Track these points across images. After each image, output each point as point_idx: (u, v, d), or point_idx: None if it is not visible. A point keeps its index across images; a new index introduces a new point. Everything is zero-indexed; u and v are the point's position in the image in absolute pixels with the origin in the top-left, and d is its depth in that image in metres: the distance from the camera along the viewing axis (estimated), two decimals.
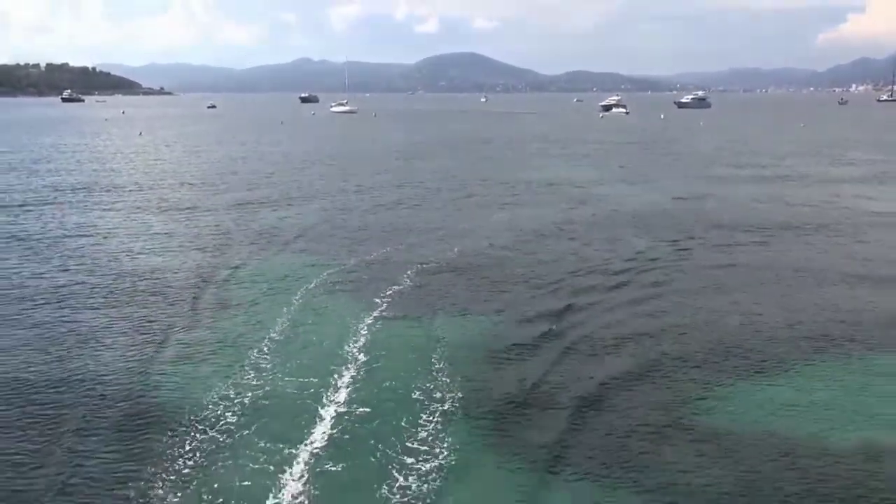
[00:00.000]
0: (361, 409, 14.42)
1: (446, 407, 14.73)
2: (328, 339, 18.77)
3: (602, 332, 19.26)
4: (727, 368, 16.89)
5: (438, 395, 15.31)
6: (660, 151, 79.60)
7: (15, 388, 15.64)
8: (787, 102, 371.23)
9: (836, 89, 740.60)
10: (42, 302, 22.23)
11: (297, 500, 11.45)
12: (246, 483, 11.93)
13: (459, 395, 15.30)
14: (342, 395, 15.01)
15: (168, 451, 12.99)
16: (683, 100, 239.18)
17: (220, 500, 11.50)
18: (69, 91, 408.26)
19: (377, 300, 22.28)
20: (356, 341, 18.51)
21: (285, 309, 21.46)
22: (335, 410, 14.39)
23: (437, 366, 16.92)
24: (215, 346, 18.47)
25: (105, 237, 32.77)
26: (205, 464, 12.58)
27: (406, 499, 11.53)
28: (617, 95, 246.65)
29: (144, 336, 19.20)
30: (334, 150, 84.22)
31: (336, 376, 16.01)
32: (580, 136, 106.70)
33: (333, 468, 12.42)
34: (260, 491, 11.68)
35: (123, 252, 29.63)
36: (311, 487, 11.82)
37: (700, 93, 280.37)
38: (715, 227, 34.43)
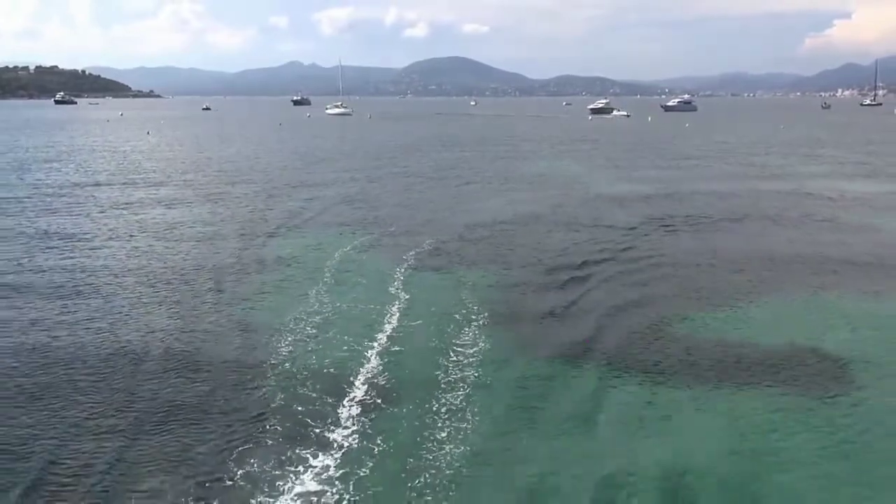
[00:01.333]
0: (400, 347, 17.80)
1: (473, 332, 19.71)
2: (368, 285, 23.63)
3: (590, 281, 24.36)
4: (694, 300, 21.98)
5: (463, 325, 20.31)
6: (644, 149, 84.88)
7: (61, 368, 16.25)
8: (773, 106, 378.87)
9: (823, 94, 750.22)
10: (101, 279, 26.98)
11: (349, 442, 12.89)
12: (300, 430, 13.39)
13: (481, 323, 20.30)
14: (386, 332, 18.87)
15: (223, 400, 14.59)
16: (670, 103, 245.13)
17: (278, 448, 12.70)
18: (62, 93, 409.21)
19: (404, 258, 27.25)
20: (392, 286, 23.36)
21: (329, 263, 26.39)
22: (381, 342, 18.00)
23: (458, 305, 21.89)
24: (275, 290, 23.39)
25: (151, 218, 37.57)
26: (263, 413, 14.09)
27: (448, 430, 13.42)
28: (605, 99, 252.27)
29: (198, 300, 24.03)
30: (338, 146, 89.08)
31: (379, 316, 20.35)
32: (570, 137, 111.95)
33: (385, 407, 14.30)
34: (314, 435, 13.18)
35: (170, 229, 34.47)
36: (365, 426, 13.49)
37: (686, 96, 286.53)
38: (687, 208, 39.57)
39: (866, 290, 23.00)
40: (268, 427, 13.40)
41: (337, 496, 11.22)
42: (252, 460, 12.26)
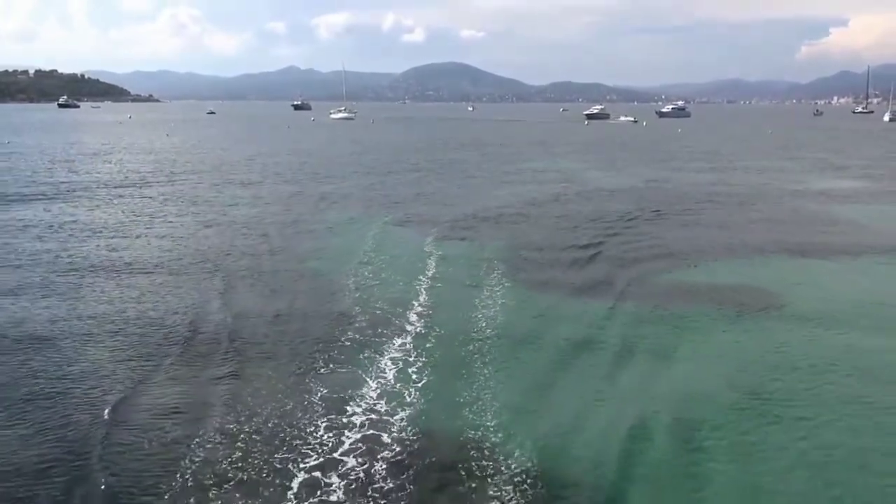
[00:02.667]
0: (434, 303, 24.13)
1: (491, 284, 25.54)
2: (404, 247, 29.50)
3: (587, 246, 30.26)
4: (671, 259, 27.90)
5: (482, 285, 26.18)
6: (636, 150, 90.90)
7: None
8: (766, 113, 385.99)
9: (819, 101, 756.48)
10: (155, 258, 32.76)
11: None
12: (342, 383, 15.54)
13: (500, 272, 26.16)
14: (424, 282, 24.20)
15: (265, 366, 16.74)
16: (664, 109, 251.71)
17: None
18: (65, 97, 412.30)
19: (428, 231, 33.17)
20: (424, 248, 29.21)
21: (367, 233, 32.25)
22: (421, 288, 23.65)
23: (480, 260, 27.78)
24: (328, 252, 29.22)
25: (207, 202, 43.39)
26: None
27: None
28: (601, 105, 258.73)
29: (273, 258, 29.83)
30: (349, 147, 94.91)
31: (416, 270, 26.19)
32: (566, 140, 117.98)
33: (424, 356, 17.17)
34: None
35: (230, 209, 40.32)
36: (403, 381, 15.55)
37: (680, 103, 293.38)
38: (670, 197, 45.52)
39: (798, 250, 29.02)
40: (333, 356, 18.41)
41: (391, 409, 14.38)
42: (320, 384, 15.53)
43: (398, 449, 12.75)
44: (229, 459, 12.35)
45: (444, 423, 13.76)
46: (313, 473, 11.94)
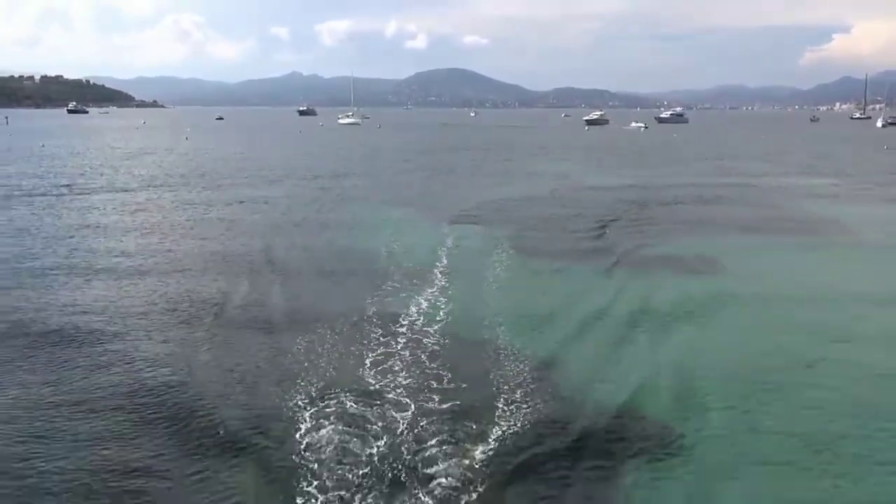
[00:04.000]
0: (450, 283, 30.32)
1: (499, 256, 31.52)
2: (423, 231, 35.46)
3: (582, 229, 36.23)
4: (655, 238, 33.86)
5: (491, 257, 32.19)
6: (631, 153, 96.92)
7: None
8: (764, 119, 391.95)
9: (821, 107, 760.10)
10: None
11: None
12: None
13: (508, 247, 32.14)
14: (443, 257, 30.01)
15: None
16: (663, 115, 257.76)
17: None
18: (74, 103, 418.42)
19: (442, 217, 39.19)
20: (441, 231, 35.18)
21: (386, 222, 38.26)
22: (440, 262, 29.97)
23: (490, 239, 33.74)
24: (356, 236, 35.24)
25: (249, 197, 49.49)
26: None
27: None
28: (601, 111, 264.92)
29: (312, 238, 35.86)
30: (360, 150, 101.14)
31: (435, 247, 32.14)
32: (567, 144, 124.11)
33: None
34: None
35: (267, 203, 46.40)
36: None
37: (678, 109, 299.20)
38: (659, 193, 51.52)
39: (753, 230, 35.02)
40: (381, 297, 24.78)
41: (427, 323, 22.22)
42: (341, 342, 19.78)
43: (433, 345, 18.73)
44: (325, 350, 18.32)
45: (464, 332, 19.79)
46: (378, 358, 17.84)
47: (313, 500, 11.60)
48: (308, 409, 14.84)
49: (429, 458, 12.89)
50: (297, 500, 11.59)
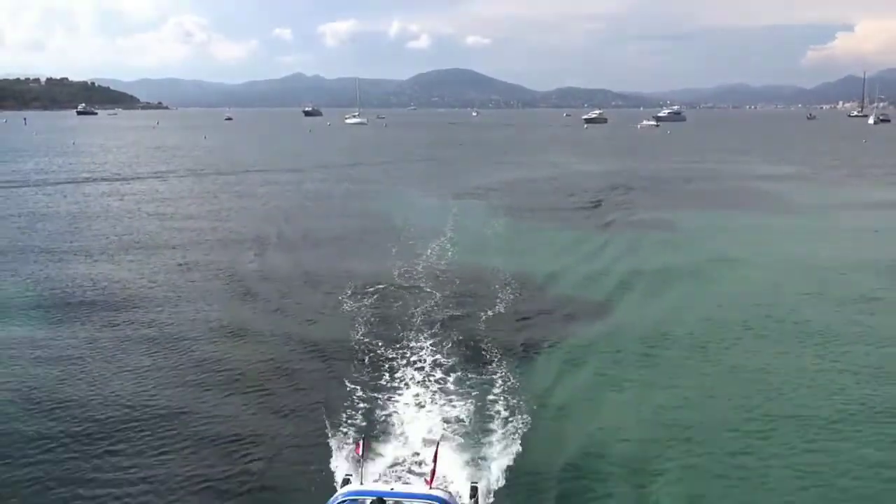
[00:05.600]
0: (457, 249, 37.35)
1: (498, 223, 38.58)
2: (430, 205, 42.66)
3: (576, 213, 43.26)
4: (639, 210, 40.85)
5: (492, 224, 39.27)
6: (623, 148, 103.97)
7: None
8: (762, 117, 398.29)
9: (824, 106, 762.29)
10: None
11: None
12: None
13: (507, 215, 39.20)
14: (449, 223, 37.29)
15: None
16: (661, 114, 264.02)
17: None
18: (84, 105, 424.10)
19: (450, 194, 46.36)
20: (447, 204, 42.26)
21: (401, 197, 45.30)
22: (447, 227, 36.95)
23: (491, 209, 40.79)
24: (378, 209, 42.33)
25: (280, 182, 56.65)
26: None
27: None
28: (599, 110, 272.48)
29: (344, 213, 43.00)
30: (372, 146, 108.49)
31: (443, 216, 39.26)
32: (565, 140, 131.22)
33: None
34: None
35: (305, 186, 53.58)
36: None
37: (676, 108, 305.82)
38: (643, 179, 58.64)
39: (719, 205, 42.10)
40: (400, 245, 31.80)
41: (439, 256, 29.60)
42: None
43: (446, 268, 26.04)
44: (361, 274, 25.40)
45: (466, 261, 27.23)
46: (406, 275, 25.05)
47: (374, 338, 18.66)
48: (359, 299, 22.10)
49: (440, 321, 20.33)
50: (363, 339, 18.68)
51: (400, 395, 15.92)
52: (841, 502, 11.90)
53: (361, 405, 15.19)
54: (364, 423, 14.37)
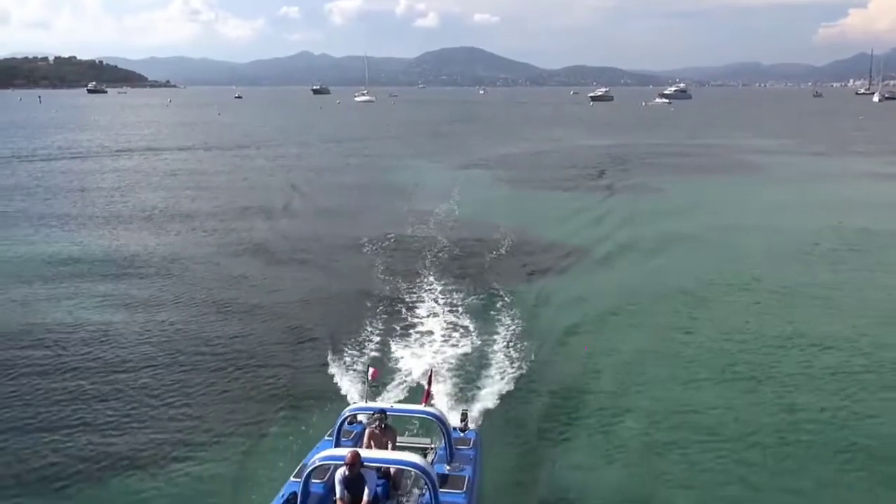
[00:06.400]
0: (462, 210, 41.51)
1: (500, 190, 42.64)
2: (438, 173, 46.74)
3: (574, 180, 47.25)
4: (634, 178, 44.79)
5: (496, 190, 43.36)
6: (626, 124, 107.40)
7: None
8: (769, 95, 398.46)
9: (835, 84, 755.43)
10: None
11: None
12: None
13: (508, 183, 43.24)
14: (456, 189, 41.21)
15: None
16: (667, 91, 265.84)
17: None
18: (94, 83, 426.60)
19: (458, 165, 50.32)
20: (453, 174, 46.38)
21: (412, 166, 49.36)
22: (454, 193, 40.86)
23: (495, 178, 44.83)
24: (396, 176, 46.45)
25: (300, 156, 60.80)
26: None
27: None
28: (605, 88, 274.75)
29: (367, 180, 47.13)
30: (384, 122, 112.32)
31: (451, 184, 43.29)
32: (570, 116, 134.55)
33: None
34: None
35: (314, 158, 57.69)
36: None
37: (682, 85, 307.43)
38: (640, 150, 62.34)
39: (709, 172, 45.87)
40: (412, 203, 35.88)
41: (448, 215, 33.71)
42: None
43: (453, 224, 30.12)
44: (377, 230, 29.52)
45: (474, 220, 31.25)
46: (416, 230, 29.13)
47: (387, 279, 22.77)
48: (373, 249, 26.28)
49: (446, 267, 24.10)
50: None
51: (405, 330, 17.93)
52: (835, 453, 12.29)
53: (372, 339, 17.31)
54: (372, 355, 16.29)
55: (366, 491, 8.96)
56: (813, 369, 15.75)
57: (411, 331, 18.09)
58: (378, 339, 17.41)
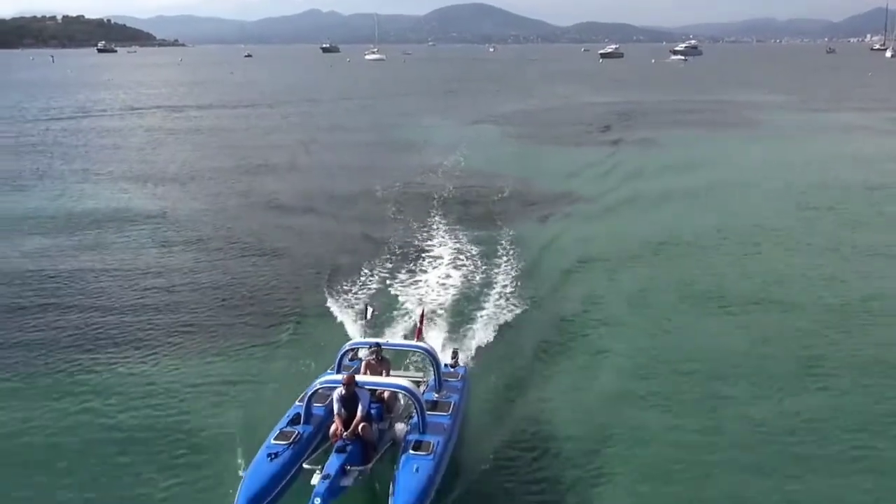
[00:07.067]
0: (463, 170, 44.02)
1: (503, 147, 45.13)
2: (447, 128, 49.09)
3: (577, 138, 49.60)
4: (635, 130, 47.13)
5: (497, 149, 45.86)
6: (634, 80, 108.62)
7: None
8: (784, 52, 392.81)
9: (851, 40, 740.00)
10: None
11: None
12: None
13: (515, 138, 45.73)
14: (463, 142, 43.76)
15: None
16: (678, 48, 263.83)
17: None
18: (103, 43, 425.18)
19: (469, 120, 52.80)
20: (462, 128, 48.83)
21: (424, 122, 51.76)
22: (461, 145, 43.52)
23: (503, 132, 47.29)
24: (414, 121, 48.96)
25: (319, 114, 63.21)
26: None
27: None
28: (615, 45, 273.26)
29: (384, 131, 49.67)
30: (397, 80, 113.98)
31: (459, 136, 45.86)
32: (578, 73, 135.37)
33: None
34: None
35: (333, 113, 60.14)
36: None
37: (693, 42, 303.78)
38: (645, 105, 64.34)
39: (712, 130, 48.22)
40: (422, 153, 38.49)
41: (453, 166, 36.34)
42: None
43: (460, 173, 32.82)
44: (389, 177, 32.22)
45: (481, 169, 33.94)
46: (425, 177, 31.88)
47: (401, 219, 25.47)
48: (384, 194, 29.02)
49: (450, 211, 26.68)
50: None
51: (404, 272, 19.12)
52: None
53: (373, 280, 18.55)
54: (372, 295, 17.44)
55: (360, 407, 9.99)
56: (791, 298, 17.09)
57: (410, 273, 19.20)
58: (378, 280, 18.61)
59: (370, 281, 18.55)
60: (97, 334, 15.45)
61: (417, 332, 13.16)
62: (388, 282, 18.50)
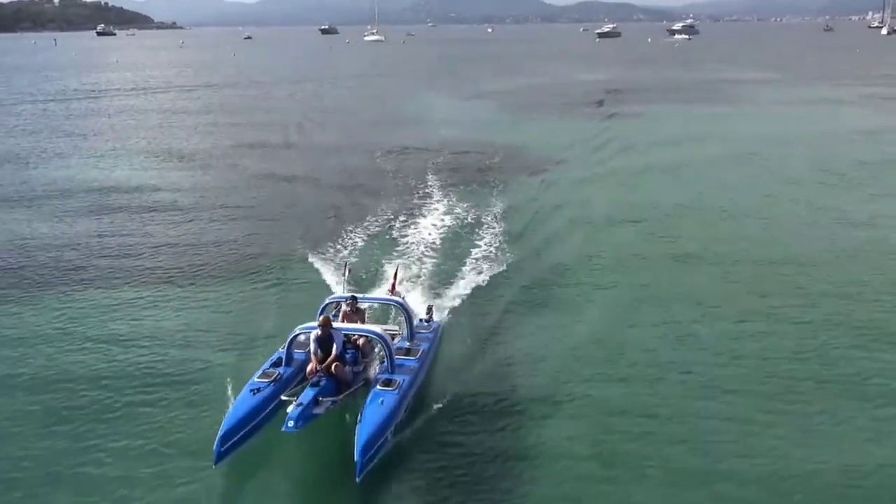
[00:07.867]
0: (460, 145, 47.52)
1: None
2: (445, 103, 52.46)
3: (570, 101, 53.00)
4: (627, 105, 50.55)
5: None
6: (628, 59, 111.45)
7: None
8: (781, 30, 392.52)
9: (853, 17, 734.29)
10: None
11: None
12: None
13: (513, 109, 49.16)
14: (465, 116, 47.44)
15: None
16: (674, 27, 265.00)
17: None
18: (102, 25, 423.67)
19: (467, 95, 56.43)
20: (464, 101, 52.25)
21: (419, 99, 55.15)
22: (460, 117, 47.04)
23: (501, 105, 50.75)
24: (416, 96, 52.37)
25: (325, 95, 66.50)
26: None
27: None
28: (612, 24, 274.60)
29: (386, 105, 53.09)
30: (396, 61, 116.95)
31: (458, 110, 49.35)
32: (574, 53, 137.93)
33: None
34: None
35: (340, 91, 63.46)
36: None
37: (689, 21, 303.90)
38: (636, 87, 67.51)
39: (697, 101, 51.56)
40: (422, 124, 41.99)
41: (454, 135, 39.80)
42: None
43: (454, 142, 36.41)
44: (387, 145, 35.77)
45: (475, 138, 37.49)
46: (421, 145, 35.36)
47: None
48: (382, 159, 32.47)
49: (442, 174, 30.46)
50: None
51: (390, 233, 20.52)
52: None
53: (355, 239, 20.12)
54: (352, 252, 18.91)
55: (334, 346, 10.98)
56: (774, 260, 18.09)
57: (394, 234, 20.53)
58: (362, 241, 19.95)
59: (356, 241, 19.92)
60: (101, 277, 17.58)
61: (392, 287, 14.05)
62: (374, 242, 19.84)
